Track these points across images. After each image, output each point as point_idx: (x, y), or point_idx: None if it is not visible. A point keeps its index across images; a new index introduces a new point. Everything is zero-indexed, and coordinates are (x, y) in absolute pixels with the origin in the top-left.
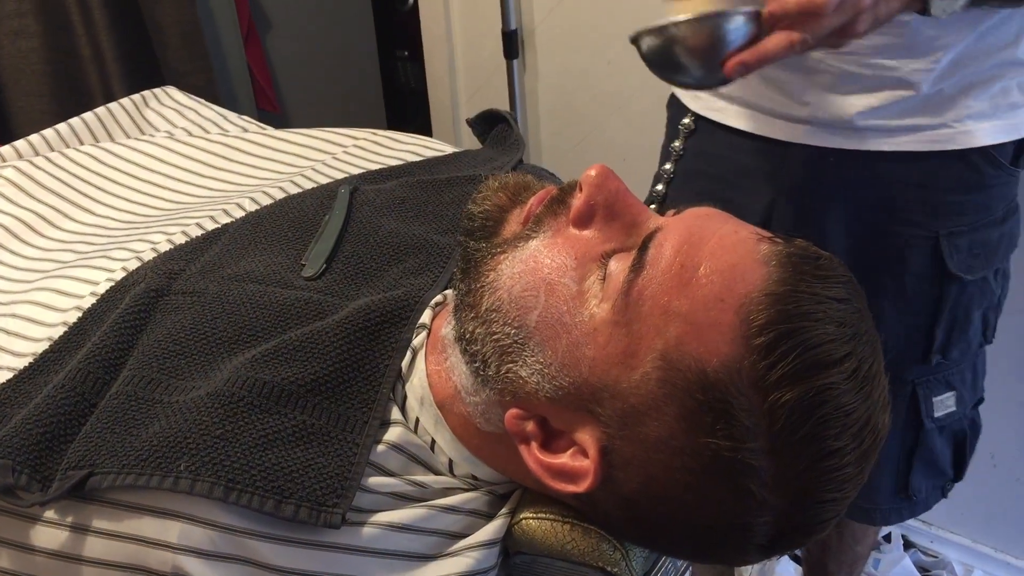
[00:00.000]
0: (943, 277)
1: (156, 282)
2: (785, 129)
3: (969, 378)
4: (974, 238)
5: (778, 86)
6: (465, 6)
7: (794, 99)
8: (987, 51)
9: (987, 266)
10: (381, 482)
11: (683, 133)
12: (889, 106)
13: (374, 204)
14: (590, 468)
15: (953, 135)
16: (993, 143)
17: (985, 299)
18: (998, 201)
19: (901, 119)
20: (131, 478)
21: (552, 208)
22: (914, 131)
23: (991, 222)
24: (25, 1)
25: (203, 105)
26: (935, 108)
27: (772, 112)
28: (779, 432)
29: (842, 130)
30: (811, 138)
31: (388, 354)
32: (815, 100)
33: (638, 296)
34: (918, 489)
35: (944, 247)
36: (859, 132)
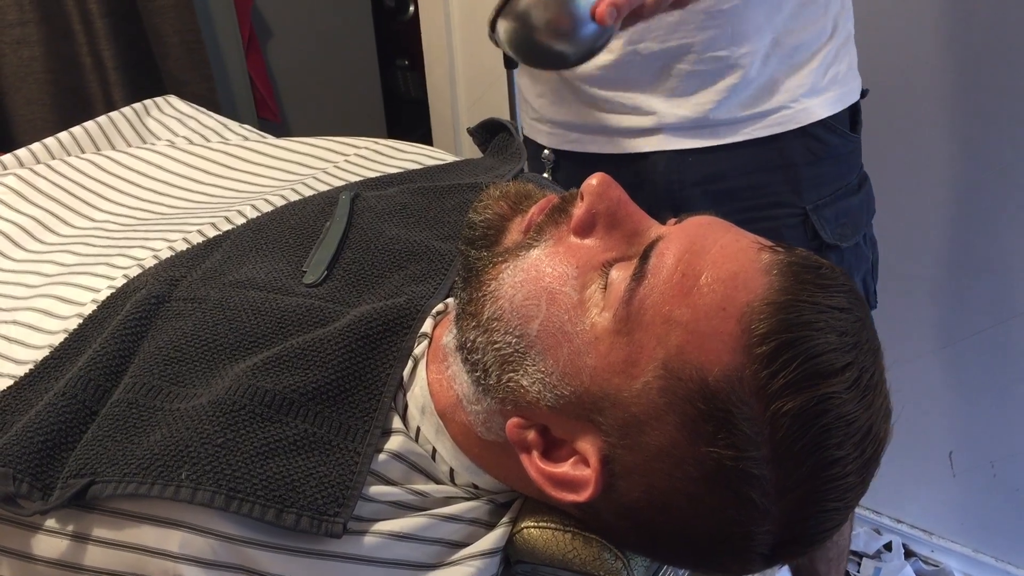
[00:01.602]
0: (822, 249)
1: (157, 289)
2: (639, 143)
3: None
4: (838, 208)
5: (622, 105)
6: (465, 15)
7: (640, 113)
8: (803, 26)
9: (855, 232)
10: (382, 491)
11: (547, 166)
12: (730, 99)
13: (375, 210)
14: (591, 477)
15: (793, 115)
16: (829, 115)
17: (862, 264)
18: (849, 170)
19: (744, 110)
20: (132, 487)
21: (553, 217)
22: (759, 119)
23: (849, 190)
24: (27, 10)
25: (204, 114)
26: (770, 94)
27: (623, 131)
28: (781, 441)
29: (693, 129)
30: (666, 144)
31: (389, 363)
32: (661, 108)
33: (639, 305)
34: None
35: (815, 220)
36: (709, 129)
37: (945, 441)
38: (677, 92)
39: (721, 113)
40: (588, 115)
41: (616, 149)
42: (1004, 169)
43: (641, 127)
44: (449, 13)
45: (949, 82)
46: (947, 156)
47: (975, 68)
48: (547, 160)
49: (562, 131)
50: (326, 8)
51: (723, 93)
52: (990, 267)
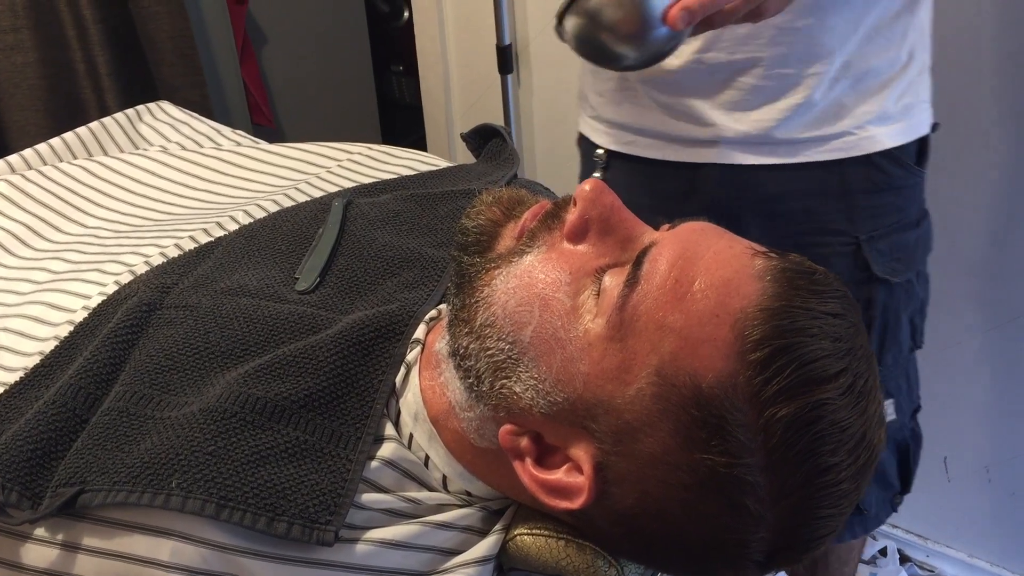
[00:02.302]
0: (870, 282)
1: (149, 296)
2: (695, 153)
3: (904, 386)
4: (893, 241)
5: (682, 114)
6: (460, 21)
7: (699, 123)
8: (876, 52)
9: (909, 269)
10: (374, 499)
11: (599, 165)
12: (793, 118)
13: (368, 217)
14: (585, 484)
15: (857, 141)
16: (894, 145)
17: (912, 302)
18: (910, 203)
19: (806, 132)
20: (122, 495)
21: (546, 223)
22: (821, 142)
23: (907, 225)
24: (20, 16)
25: (197, 119)
26: (836, 118)
27: (680, 139)
28: (775, 448)
29: (751, 146)
30: (722, 157)
31: (382, 369)
32: (721, 120)
33: (633, 311)
34: (868, 504)
35: (867, 251)
36: (768, 148)
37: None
38: (739, 106)
39: (783, 132)
40: (646, 118)
41: (671, 156)
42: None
43: (699, 137)
44: (443, 19)
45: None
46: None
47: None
48: (599, 160)
49: (618, 131)
50: (320, 13)
51: (787, 112)
52: (984, 272)
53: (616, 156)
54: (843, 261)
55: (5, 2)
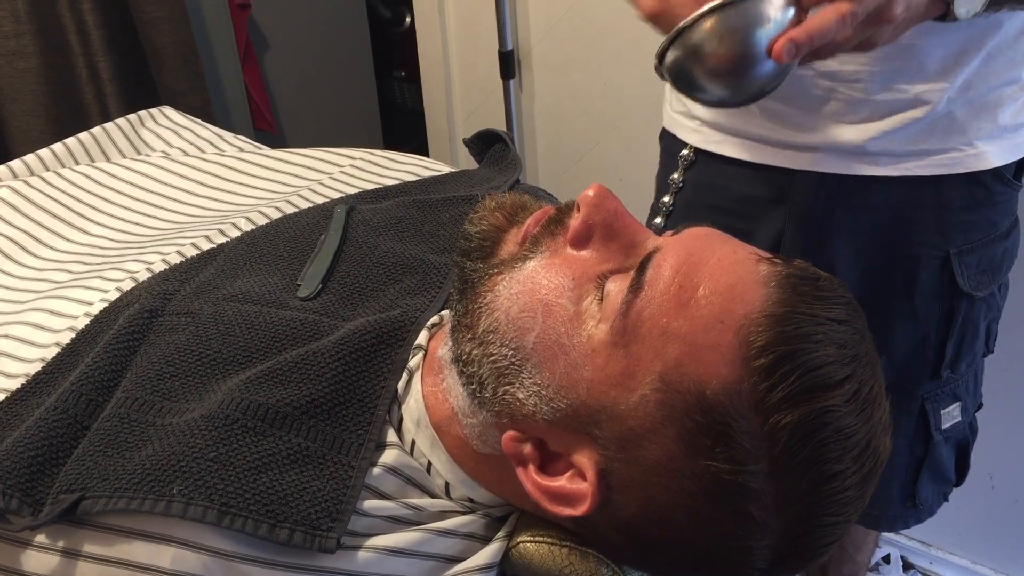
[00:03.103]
0: (954, 296)
1: (150, 303)
2: (790, 158)
3: (972, 387)
4: (982, 255)
5: (780, 119)
6: (462, 27)
7: (799, 130)
8: (996, 72)
9: (993, 281)
10: (377, 505)
11: (683, 165)
12: (899, 131)
13: (370, 224)
14: (588, 491)
15: (962, 158)
16: (1002, 164)
17: (991, 312)
18: (1004, 216)
19: (911, 144)
20: (123, 502)
21: (549, 228)
22: (924, 155)
23: (997, 237)
24: (23, 21)
25: (199, 125)
26: (944, 132)
27: (776, 143)
28: (779, 455)
29: (851, 155)
30: (818, 165)
31: (384, 375)
32: (822, 130)
33: (636, 317)
34: (925, 498)
35: (955, 265)
36: (869, 158)
37: None
38: (845, 117)
39: (885, 144)
40: (742, 119)
41: (763, 159)
42: None
43: (797, 143)
44: (445, 24)
45: None
46: None
47: None
48: (685, 158)
49: (710, 130)
50: (323, 19)
51: (892, 125)
52: None
53: (703, 155)
54: (929, 273)
55: (7, 7)
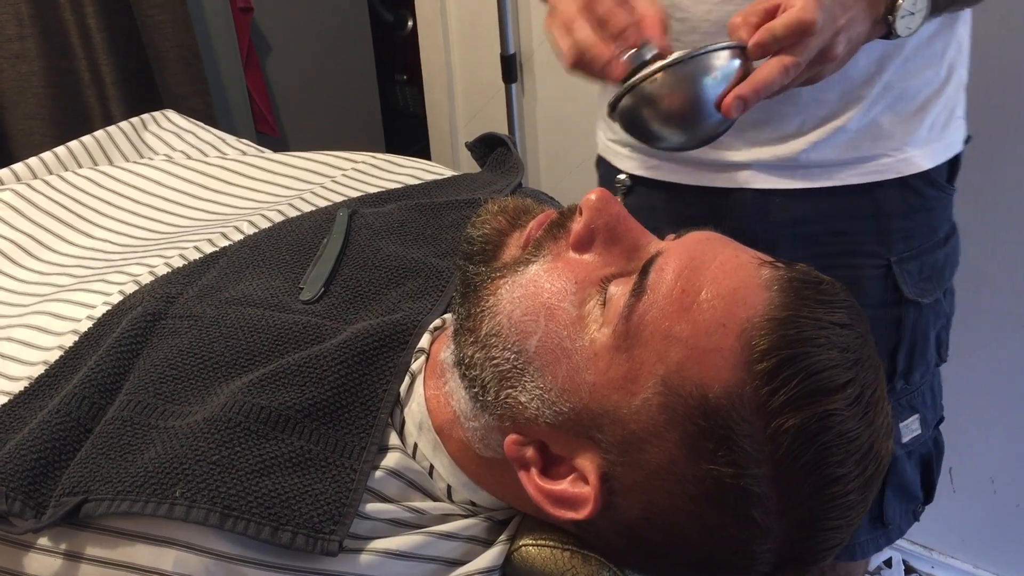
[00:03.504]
0: (900, 303)
1: (153, 306)
2: (726, 178)
3: (929, 399)
4: (923, 261)
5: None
6: (464, 30)
7: (730, 149)
8: (914, 72)
9: (938, 288)
10: (379, 508)
11: (620, 191)
12: (828, 140)
13: (373, 227)
14: (590, 495)
15: (893, 163)
16: (932, 166)
17: (939, 319)
18: (940, 222)
19: (842, 153)
20: (126, 504)
21: (552, 232)
22: (856, 164)
23: (936, 243)
24: (26, 25)
25: (202, 128)
26: (873, 139)
27: (710, 164)
28: (782, 459)
29: (784, 170)
30: (754, 182)
31: (386, 379)
32: (754, 147)
33: (639, 321)
34: (892, 517)
35: (898, 273)
36: (802, 171)
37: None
38: (771, 131)
39: (816, 155)
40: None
41: (699, 181)
42: None
43: (729, 161)
44: (448, 28)
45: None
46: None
47: None
48: (621, 185)
49: (642, 156)
50: (325, 23)
51: (821, 136)
52: (992, 283)
53: (640, 181)
54: (873, 283)
55: (10, 10)
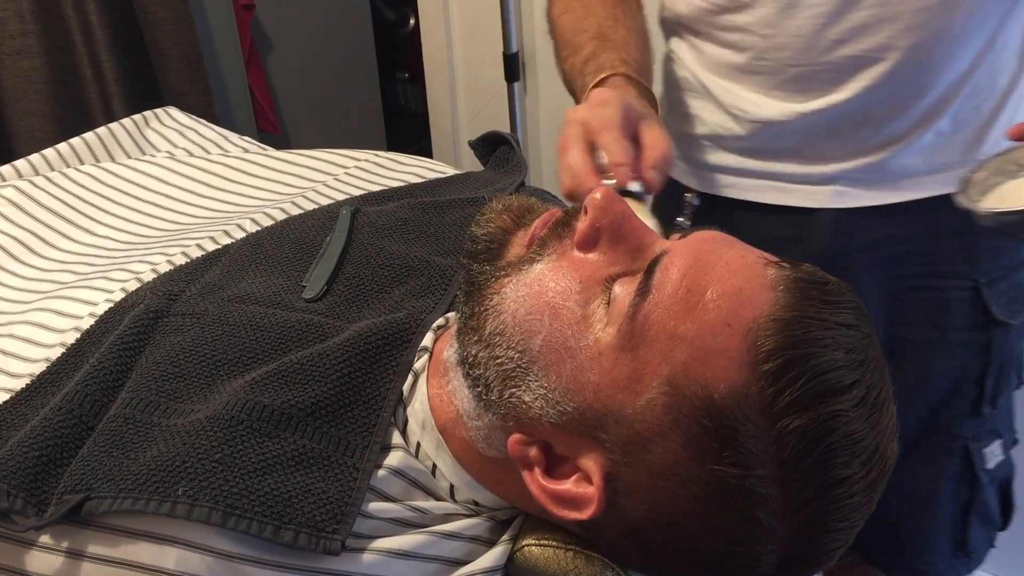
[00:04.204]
0: (989, 326)
1: (155, 303)
2: (809, 195)
3: (1007, 421)
4: (1011, 281)
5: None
6: (466, 28)
7: (817, 160)
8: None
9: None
10: (381, 507)
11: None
12: (917, 145)
13: (376, 225)
14: (594, 495)
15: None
16: None
17: (1022, 340)
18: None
19: (930, 158)
20: (128, 502)
21: (556, 231)
22: (943, 169)
23: (1022, 261)
24: (28, 21)
25: (204, 126)
26: (962, 144)
27: (792, 178)
28: (787, 459)
29: (872, 183)
30: (838, 200)
31: (389, 377)
32: (841, 155)
33: (644, 321)
34: (976, 545)
35: (987, 295)
36: (890, 181)
37: None
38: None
39: (904, 161)
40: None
41: (776, 199)
42: None
43: (814, 174)
44: (450, 26)
45: None
46: None
47: None
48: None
49: (716, 175)
50: (327, 21)
51: (910, 140)
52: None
53: (711, 200)
54: (961, 305)
55: (12, 6)
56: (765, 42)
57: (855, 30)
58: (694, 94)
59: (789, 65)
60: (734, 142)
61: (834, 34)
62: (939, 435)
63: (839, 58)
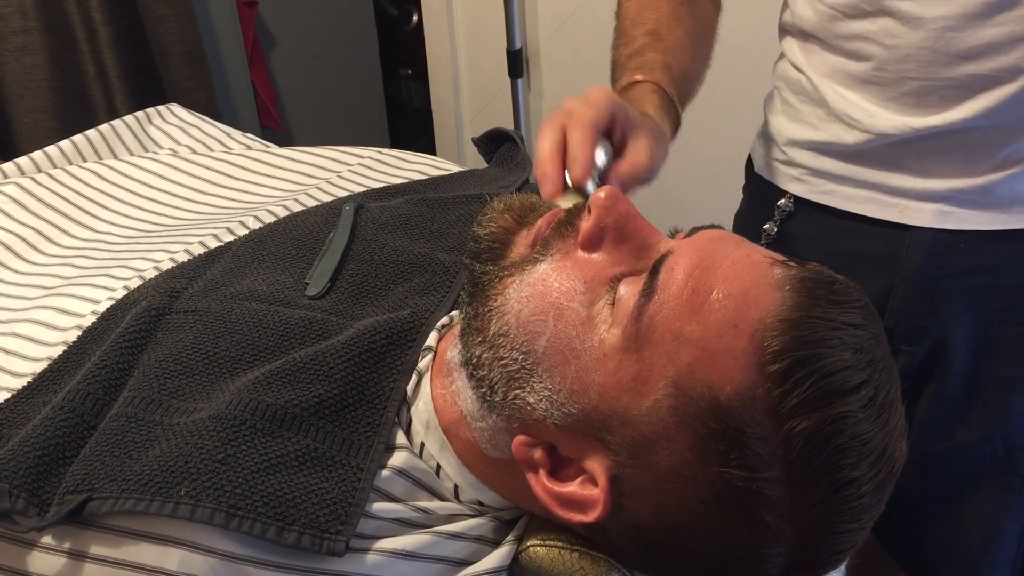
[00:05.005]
0: None
1: (157, 301)
2: (908, 211)
3: None
4: None
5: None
6: (470, 25)
7: (922, 175)
8: None
9: None
10: (385, 508)
11: (779, 215)
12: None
13: (379, 222)
14: (599, 497)
15: None
16: None
17: None
18: None
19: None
20: (130, 503)
21: (560, 230)
22: None
23: None
24: (31, 18)
25: (207, 123)
26: None
27: (895, 191)
28: (794, 461)
29: (980, 206)
30: (941, 220)
31: (393, 377)
32: (952, 173)
33: (649, 322)
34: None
35: None
36: (1000, 207)
37: None
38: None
39: (1015, 186)
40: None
41: (875, 212)
42: None
43: (916, 190)
44: (453, 23)
45: None
46: None
47: None
48: (782, 209)
49: (816, 179)
50: (330, 17)
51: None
52: None
53: (804, 205)
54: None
55: (15, 4)
56: (887, 52)
57: (983, 48)
58: (804, 98)
59: (910, 78)
60: (841, 149)
61: (959, 50)
62: (1012, 475)
63: (963, 75)
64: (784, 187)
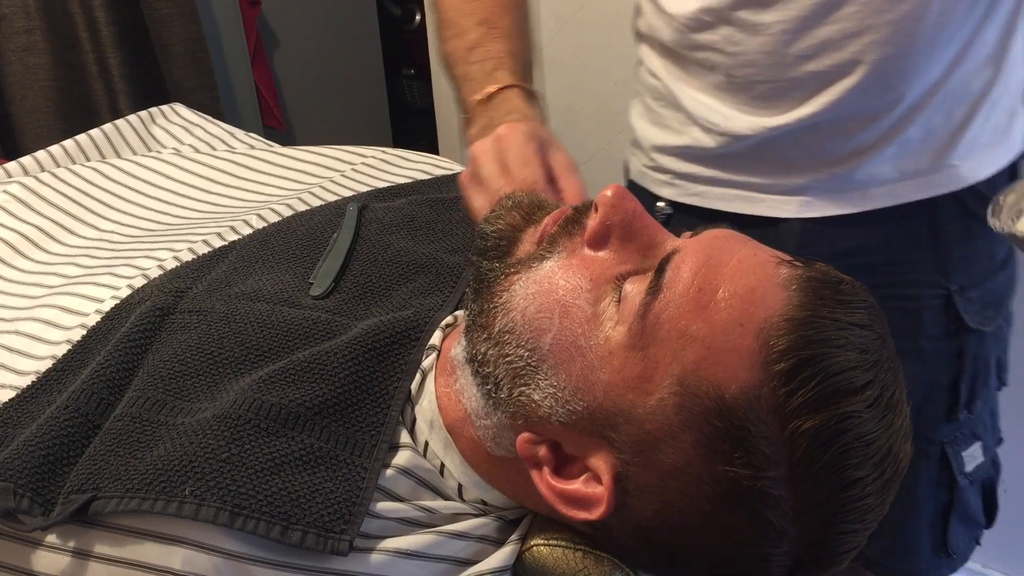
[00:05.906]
0: (960, 333)
1: (162, 300)
2: (777, 206)
3: (989, 422)
4: (984, 289)
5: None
6: None
7: (785, 171)
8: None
9: (999, 314)
10: (389, 507)
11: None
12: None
13: (383, 222)
14: (604, 495)
15: (956, 172)
16: (995, 171)
17: (1000, 344)
18: (999, 244)
19: (901, 165)
20: (135, 502)
21: (567, 228)
22: (914, 176)
23: (995, 268)
24: (34, 18)
25: (210, 122)
26: (933, 150)
27: (760, 188)
28: (799, 461)
29: (841, 192)
30: (806, 210)
31: (397, 375)
32: (810, 167)
33: (655, 320)
34: (957, 545)
35: (959, 302)
36: (859, 190)
37: None
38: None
39: (875, 170)
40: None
41: (748, 209)
42: None
43: (783, 185)
44: None
45: None
46: None
47: None
48: (660, 213)
49: (685, 183)
50: (333, 17)
51: (882, 148)
52: None
53: (681, 209)
54: (932, 314)
55: (18, 3)
56: (731, 60)
57: (820, 46)
58: (664, 103)
59: (757, 81)
60: (703, 152)
61: (799, 50)
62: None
63: (805, 74)
64: (657, 192)
